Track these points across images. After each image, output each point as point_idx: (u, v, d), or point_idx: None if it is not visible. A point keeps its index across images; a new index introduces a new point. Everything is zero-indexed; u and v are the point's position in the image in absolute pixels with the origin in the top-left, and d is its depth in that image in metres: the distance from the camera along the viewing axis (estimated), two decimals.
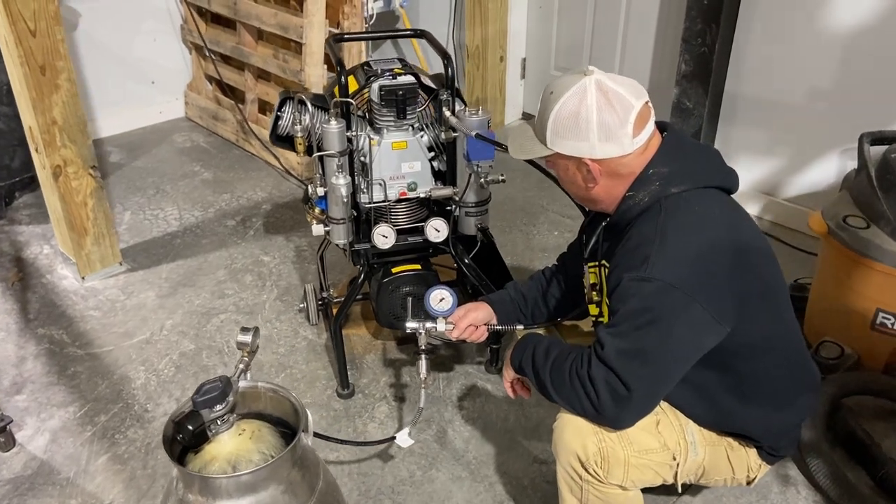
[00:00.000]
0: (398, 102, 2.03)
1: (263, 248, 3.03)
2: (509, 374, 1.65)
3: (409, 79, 2.06)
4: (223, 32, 3.79)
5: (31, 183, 3.20)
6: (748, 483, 1.69)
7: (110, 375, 2.37)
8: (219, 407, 1.32)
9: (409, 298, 2.13)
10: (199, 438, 1.37)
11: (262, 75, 3.69)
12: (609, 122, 1.42)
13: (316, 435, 1.63)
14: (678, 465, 1.56)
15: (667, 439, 1.54)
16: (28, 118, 2.52)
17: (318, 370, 2.39)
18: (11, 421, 2.10)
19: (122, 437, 2.15)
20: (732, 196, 1.56)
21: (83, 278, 2.78)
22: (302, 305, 2.57)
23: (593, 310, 1.70)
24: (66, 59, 2.47)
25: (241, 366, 1.45)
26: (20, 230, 3.14)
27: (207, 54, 3.84)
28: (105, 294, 2.75)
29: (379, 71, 2.11)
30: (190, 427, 1.31)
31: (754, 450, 1.64)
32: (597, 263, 1.64)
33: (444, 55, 2.09)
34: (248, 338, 1.45)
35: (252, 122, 3.69)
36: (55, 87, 2.47)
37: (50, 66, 2.43)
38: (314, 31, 3.20)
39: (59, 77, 2.47)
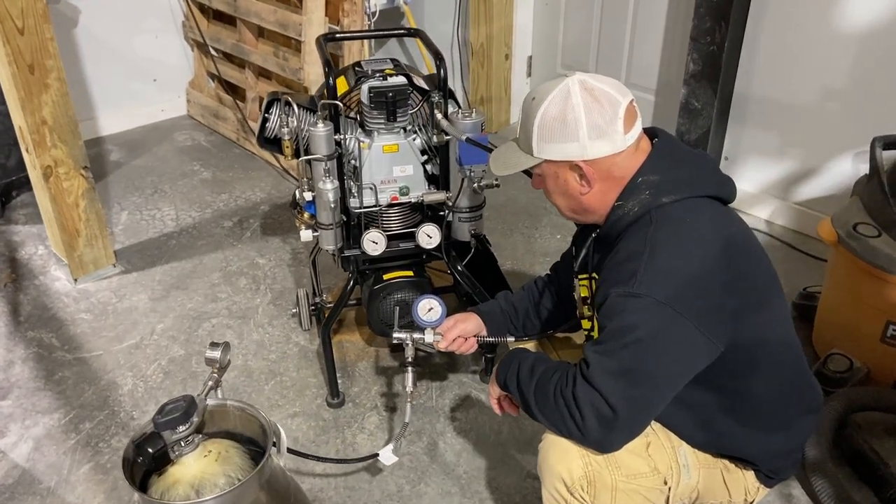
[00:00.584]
0: (388, 104, 1.96)
1: (259, 250, 2.98)
2: (495, 390, 1.58)
3: (400, 80, 1.99)
4: (224, 29, 3.74)
5: (28, 182, 3.16)
6: None
7: (97, 381, 2.32)
8: (182, 428, 1.26)
9: (397, 308, 2.06)
10: (163, 460, 1.31)
11: (264, 73, 3.64)
12: (598, 119, 1.35)
13: (290, 451, 1.57)
14: (670, 489, 1.49)
15: (657, 462, 1.47)
16: (17, 118, 2.48)
17: (309, 378, 2.33)
18: None
19: (106, 445, 2.10)
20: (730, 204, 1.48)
21: (76, 280, 2.75)
22: (295, 310, 2.52)
23: (585, 324, 1.63)
24: (56, 58, 2.42)
25: (211, 382, 1.39)
26: (16, 230, 3.11)
27: (209, 52, 3.79)
28: (97, 296, 2.71)
29: (370, 72, 2.04)
30: (150, 450, 1.25)
31: (752, 472, 1.55)
32: (588, 276, 1.57)
33: (436, 55, 2.02)
34: (217, 353, 1.39)
35: (252, 120, 3.64)
36: (45, 87, 2.43)
37: (39, 65, 2.39)
38: (313, 28, 3.13)
39: (49, 76, 2.42)
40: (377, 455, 1.81)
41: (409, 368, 1.84)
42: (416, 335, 1.77)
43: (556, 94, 1.37)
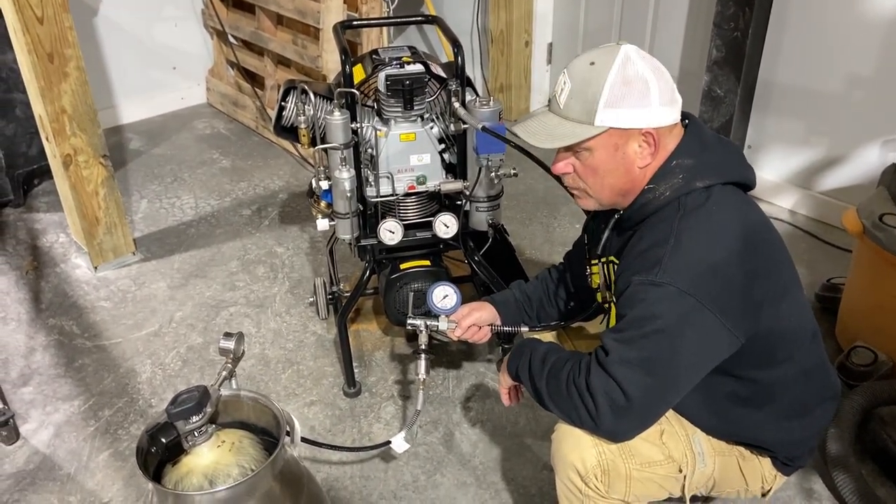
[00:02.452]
0: (405, 93, 1.95)
1: (277, 238, 2.98)
2: (506, 380, 1.57)
3: (418, 68, 1.98)
4: (243, 17, 3.73)
5: (49, 170, 3.18)
6: (763, 495, 1.59)
7: (117, 368, 2.34)
8: (195, 418, 1.26)
9: (412, 294, 2.05)
10: (177, 450, 1.31)
11: (283, 61, 3.64)
12: (664, 86, 1.33)
13: (304, 440, 1.57)
14: (685, 477, 1.47)
15: (672, 450, 1.45)
16: (37, 106, 2.50)
17: (326, 367, 2.33)
18: (14, 415, 2.08)
19: (125, 432, 2.12)
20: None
21: (96, 268, 2.77)
22: (312, 299, 2.52)
23: (601, 302, 1.60)
24: (75, 47, 2.43)
25: (224, 373, 1.39)
26: (37, 218, 3.14)
27: (228, 40, 3.79)
28: (117, 284, 2.73)
29: (387, 59, 2.02)
30: (163, 440, 1.25)
31: (768, 460, 1.54)
32: (606, 260, 1.53)
33: (454, 43, 2.00)
34: (230, 344, 1.39)
35: (271, 108, 3.64)
36: (64, 76, 2.43)
37: (58, 53, 2.40)
38: (332, 15, 3.12)
39: (68, 65, 2.43)
40: (389, 443, 1.81)
41: (423, 355, 1.83)
42: (431, 322, 1.76)
43: (620, 59, 1.31)
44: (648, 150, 1.35)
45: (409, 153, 2.04)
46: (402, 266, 2.12)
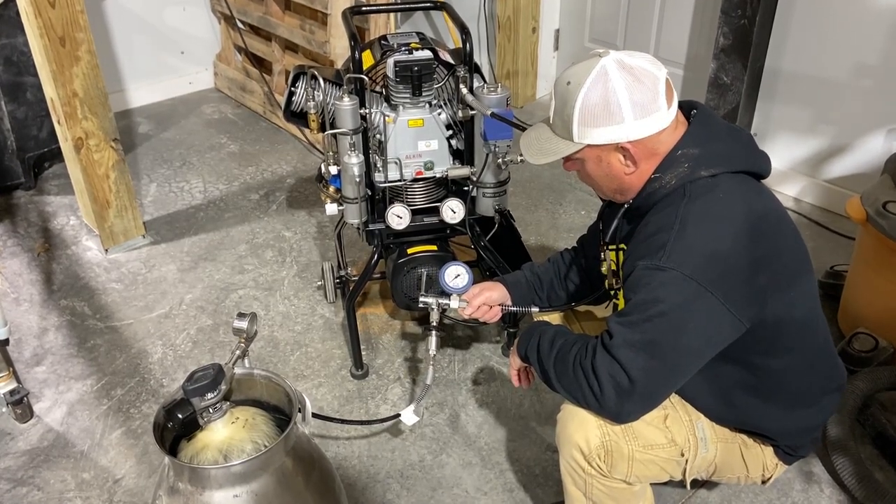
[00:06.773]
0: (413, 79, 1.97)
1: (285, 223, 3.01)
2: (515, 362, 1.60)
3: (426, 54, 1.99)
4: (251, 2, 3.74)
5: (60, 153, 3.21)
6: (763, 482, 1.62)
7: (128, 349, 2.38)
8: (210, 395, 1.30)
9: (424, 275, 2.08)
10: (193, 425, 1.35)
11: (290, 46, 3.65)
12: (641, 98, 1.34)
13: (315, 415, 1.60)
14: (687, 461, 1.50)
15: (675, 435, 1.48)
16: (49, 90, 2.52)
17: (334, 349, 2.37)
18: (28, 393, 2.12)
19: (137, 411, 2.16)
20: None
21: (106, 250, 2.80)
22: (320, 283, 2.55)
23: (609, 290, 1.63)
24: (87, 31, 2.45)
25: (238, 352, 1.43)
26: (48, 200, 3.17)
27: (236, 24, 3.80)
28: (127, 267, 2.76)
29: (395, 46, 2.04)
30: (180, 415, 1.29)
31: (771, 448, 1.57)
32: (616, 247, 1.56)
33: (462, 29, 2.01)
34: (244, 324, 1.42)
35: (279, 93, 3.66)
36: (75, 59, 2.46)
37: (70, 37, 2.42)
38: (340, 1, 3.13)
39: (80, 49, 2.46)
40: (399, 415, 1.84)
41: (434, 333, 1.87)
42: (442, 301, 1.80)
43: (594, 77, 1.34)
44: (630, 160, 1.39)
45: (417, 139, 2.06)
46: (410, 251, 2.15)
